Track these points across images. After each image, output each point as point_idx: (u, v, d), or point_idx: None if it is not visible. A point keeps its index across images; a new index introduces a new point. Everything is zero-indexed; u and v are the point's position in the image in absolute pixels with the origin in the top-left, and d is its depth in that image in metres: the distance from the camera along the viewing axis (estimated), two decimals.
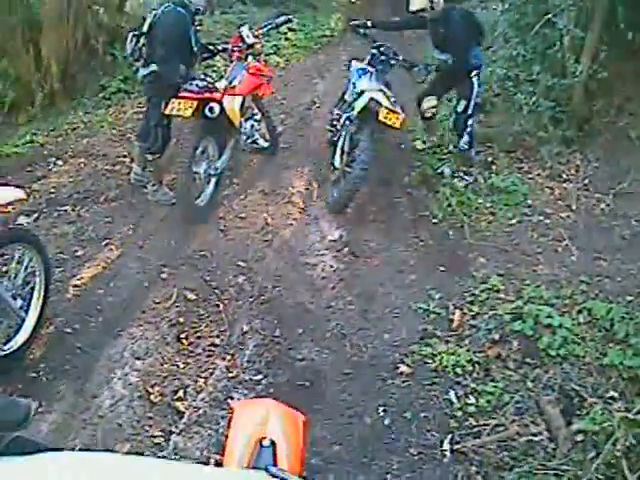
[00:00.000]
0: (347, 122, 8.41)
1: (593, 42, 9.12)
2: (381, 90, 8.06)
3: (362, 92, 8.11)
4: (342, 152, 8.41)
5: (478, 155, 9.30)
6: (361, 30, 9.07)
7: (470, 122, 8.89)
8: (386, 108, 7.78)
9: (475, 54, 8.73)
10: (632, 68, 9.38)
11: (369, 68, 8.55)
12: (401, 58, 8.79)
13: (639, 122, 9.26)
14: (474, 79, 8.65)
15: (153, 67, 7.68)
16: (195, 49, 7.90)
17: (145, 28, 7.68)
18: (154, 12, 7.71)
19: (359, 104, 8.06)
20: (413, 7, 8.58)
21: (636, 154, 8.89)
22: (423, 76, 8.92)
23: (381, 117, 7.77)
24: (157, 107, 7.81)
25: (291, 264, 7.17)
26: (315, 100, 11.82)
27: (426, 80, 9.04)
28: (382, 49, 8.72)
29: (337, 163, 8.47)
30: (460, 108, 8.84)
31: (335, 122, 8.92)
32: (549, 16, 9.23)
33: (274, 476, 1.88)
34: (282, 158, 9.40)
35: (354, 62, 8.96)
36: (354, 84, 8.54)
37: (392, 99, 7.96)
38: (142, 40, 7.70)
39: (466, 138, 8.85)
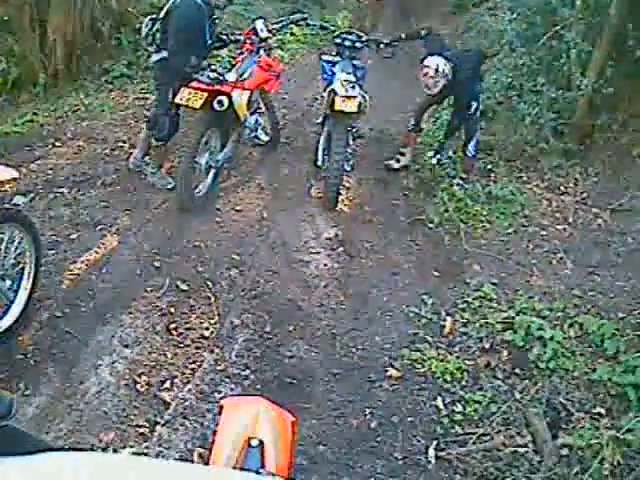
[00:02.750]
0: (324, 119, 8.53)
1: (600, 57, 9.10)
2: (341, 78, 8.03)
3: (330, 84, 8.17)
4: (322, 149, 8.51)
5: (478, 162, 9.29)
6: (381, 46, 8.93)
7: (477, 126, 8.85)
8: (341, 96, 7.78)
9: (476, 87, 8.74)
10: (638, 85, 9.37)
11: (337, 59, 8.57)
12: (365, 39, 8.76)
13: None
14: (476, 84, 8.63)
15: (164, 54, 7.66)
16: (209, 42, 7.88)
17: (161, 14, 7.66)
18: (174, 0, 7.66)
19: (325, 98, 8.20)
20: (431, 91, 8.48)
21: (636, 171, 8.89)
22: (389, 54, 8.89)
23: (336, 107, 7.81)
24: (165, 94, 7.81)
25: (285, 260, 7.15)
26: (317, 96, 11.79)
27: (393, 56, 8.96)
28: (344, 35, 8.72)
29: (319, 161, 8.58)
30: (471, 111, 8.62)
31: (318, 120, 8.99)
32: (557, 28, 9.23)
33: None
34: (282, 153, 9.40)
35: (323, 56, 8.93)
36: (326, 78, 8.56)
37: (350, 84, 7.91)
38: (157, 25, 7.69)
39: (474, 143, 8.76)
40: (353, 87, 7.88)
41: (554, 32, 9.26)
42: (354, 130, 8.62)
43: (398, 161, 9.32)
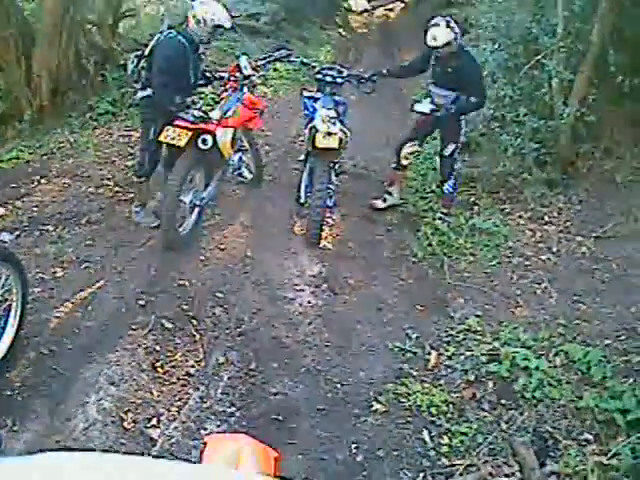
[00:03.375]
0: (307, 156, 8.56)
1: (582, 85, 9.19)
2: (321, 114, 8.08)
3: (311, 121, 8.21)
4: (305, 186, 8.52)
5: (460, 195, 9.33)
6: (362, 81, 8.90)
7: (456, 166, 8.91)
8: (322, 132, 7.83)
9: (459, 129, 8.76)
10: (621, 112, 9.46)
11: (317, 95, 8.59)
12: (345, 74, 8.74)
13: (626, 166, 9.35)
14: (462, 122, 8.66)
15: (149, 91, 7.68)
16: (193, 80, 7.90)
17: (147, 51, 7.68)
18: (157, 36, 7.68)
19: (306, 135, 8.26)
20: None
21: (619, 198, 8.96)
22: (368, 89, 8.89)
23: (317, 143, 7.87)
24: (147, 130, 7.85)
25: (269, 297, 7.15)
26: (300, 133, 11.83)
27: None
28: (325, 71, 8.74)
29: (302, 198, 8.58)
30: (447, 152, 8.73)
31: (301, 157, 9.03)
32: (539, 57, 9.29)
33: None
34: (265, 190, 9.46)
35: (304, 92, 8.98)
36: (307, 114, 8.61)
37: (331, 120, 7.96)
38: (142, 62, 7.71)
39: (451, 182, 8.82)
40: (334, 123, 7.92)
41: (536, 61, 9.33)
42: (336, 166, 8.62)
43: (385, 200, 9.34)
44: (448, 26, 8.15)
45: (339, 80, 8.66)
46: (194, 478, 1.86)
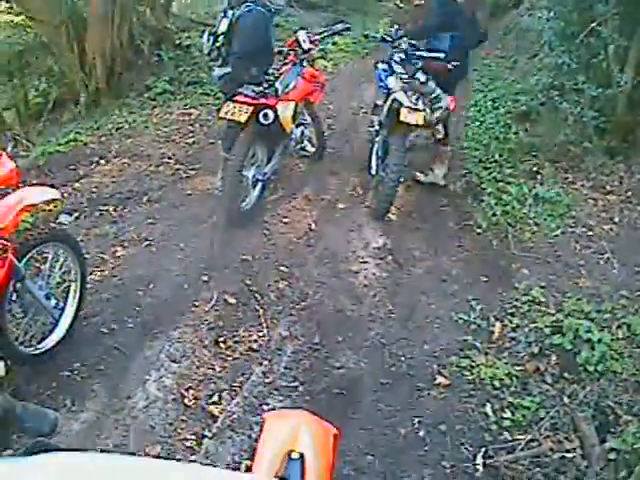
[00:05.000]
0: (379, 126, 8.44)
1: (637, 52, 9.00)
2: (403, 89, 7.94)
3: (389, 94, 8.08)
4: (377, 157, 8.43)
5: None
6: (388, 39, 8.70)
7: None
8: (407, 107, 7.69)
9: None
10: None
11: (394, 67, 8.34)
12: (423, 51, 8.37)
13: None
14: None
15: (228, 69, 7.74)
16: (274, 51, 7.97)
17: (223, 28, 7.67)
18: (234, 12, 7.64)
19: (386, 107, 8.08)
20: None
21: None
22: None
23: (402, 117, 7.69)
24: None
25: (333, 270, 7.14)
26: (362, 105, 11.81)
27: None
28: (403, 46, 8.46)
29: (373, 170, 8.52)
30: None
31: (371, 127, 8.92)
32: (594, 24, 9.13)
33: None
34: (328, 163, 9.40)
35: (380, 64, 8.76)
36: (382, 87, 8.46)
37: (415, 96, 7.82)
38: (220, 40, 7.72)
39: None
40: (418, 98, 7.81)
41: (591, 29, 9.15)
42: (410, 139, 8.50)
43: (426, 175, 9.11)
44: None
45: (415, 56, 8.32)
46: (195, 478, 1.84)
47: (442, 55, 8.01)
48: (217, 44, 7.74)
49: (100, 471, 1.63)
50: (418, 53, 8.23)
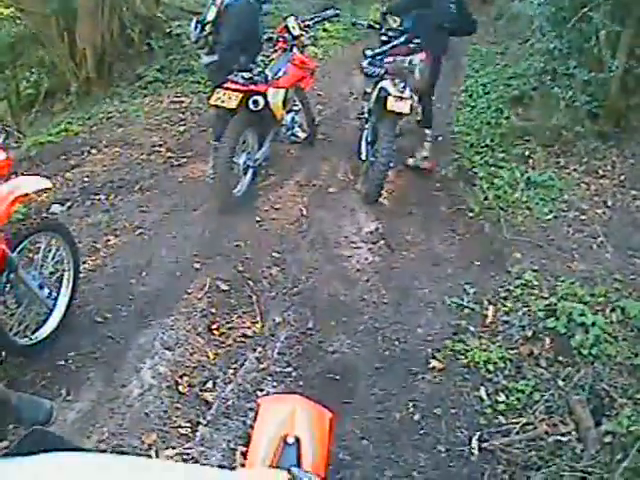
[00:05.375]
0: (368, 113, 8.48)
1: (629, 37, 8.99)
2: (390, 77, 7.96)
3: (377, 82, 8.11)
4: (367, 143, 8.44)
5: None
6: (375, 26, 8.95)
7: None
8: (394, 96, 7.70)
9: None
10: None
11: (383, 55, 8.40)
12: (405, 37, 8.43)
13: None
14: None
15: (216, 57, 7.78)
16: (262, 39, 8.03)
17: (211, 16, 7.72)
18: (222, 0, 7.68)
19: (374, 95, 8.13)
20: None
21: None
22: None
23: (389, 106, 7.70)
24: None
25: (326, 256, 7.15)
26: (352, 91, 11.82)
27: None
28: (390, 33, 8.61)
29: (363, 155, 8.53)
30: None
31: (361, 114, 8.97)
32: (585, 10, 9.12)
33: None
34: (319, 149, 9.41)
35: (367, 51, 8.75)
36: (369, 75, 8.47)
37: (402, 84, 7.83)
38: (208, 28, 7.75)
39: None
40: (404, 87, 7.82)
41: (582, 14, 9.14)
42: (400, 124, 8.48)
43: (414, 158, 9.18)
44: None
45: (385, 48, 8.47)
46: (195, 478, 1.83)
47: (402, 39, 8.19)
48: (205, 32, 7.76)
49: (96, 472, 1.62)
50: (380, 53, 8.42)
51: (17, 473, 1.55)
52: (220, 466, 4.59)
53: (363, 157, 8.53)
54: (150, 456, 4.69)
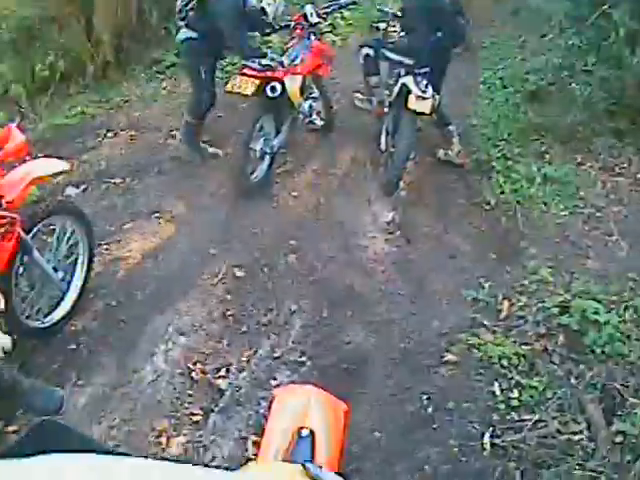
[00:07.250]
0: (388, 106, 8.42)
1: None
2: (411, 73, 7.82)
3: (399, 76, 8.01)
4: (387, 134, 8.39)
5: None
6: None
7: None
8: (415, 95, 7.60)
9: None
10: None
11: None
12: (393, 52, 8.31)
13: None
14: None
15: (194, 34, 7.71)
16: (272, 21, 7.94)
17: None
18: None
19: (395, 90, 8.02)
20: None
21: None
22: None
23: (409, 105, 7.62)
24: (198, 72, 7.97)
25: (342, 245, 7.13)
26: None
27: None
28: (369, 47, 8.71)
29: (382, 145, 8.49)
30: None
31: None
32: (604, 7, 9.08)
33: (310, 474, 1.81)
34: (337, 137, 9.32)
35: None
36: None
37: (424, 82, 7.69)
38: (194, 3, 7.64)
39: None
40: (427, 85, 7.70)
41: (602, 11, 9.10)
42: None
43: (445, 154, 9.02)
44: None
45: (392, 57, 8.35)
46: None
47: (411, 62, 7.89)
48: (188, 5, 7.70)
49: (100, 472, 1.62)
50: (388, 54, 8.35)
51: (16, 476, 1.55)
52: (230, 456, 4.64)
53: (383, 148, 8.48)
54: (160, 443, 4.73)
